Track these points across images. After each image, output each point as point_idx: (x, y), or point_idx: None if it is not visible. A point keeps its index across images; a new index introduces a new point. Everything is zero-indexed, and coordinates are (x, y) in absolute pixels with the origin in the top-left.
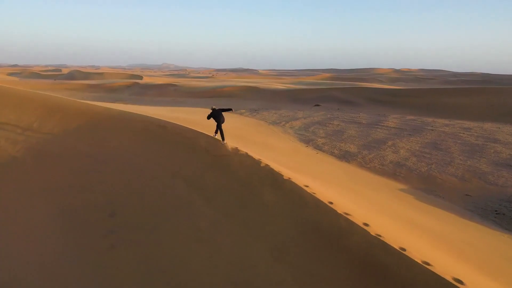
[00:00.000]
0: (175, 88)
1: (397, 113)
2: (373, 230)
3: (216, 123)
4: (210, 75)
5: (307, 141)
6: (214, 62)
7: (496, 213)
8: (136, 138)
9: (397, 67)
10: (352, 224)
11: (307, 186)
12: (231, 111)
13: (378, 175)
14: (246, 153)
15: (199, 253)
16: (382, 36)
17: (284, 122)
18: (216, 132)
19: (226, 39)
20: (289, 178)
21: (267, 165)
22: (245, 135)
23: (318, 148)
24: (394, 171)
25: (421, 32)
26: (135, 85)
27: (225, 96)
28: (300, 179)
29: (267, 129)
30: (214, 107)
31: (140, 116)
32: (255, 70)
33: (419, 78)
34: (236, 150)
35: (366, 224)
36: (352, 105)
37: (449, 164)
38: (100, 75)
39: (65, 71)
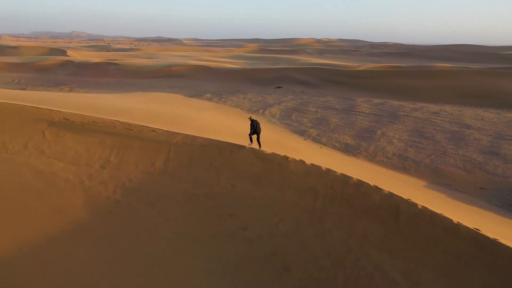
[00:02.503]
0: (116, 67)
1: (361, 96)
2: None
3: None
4: (134, 47)
5: (301, 133)
6: (130, 30)
7: None
8: (227, 170)
9: (318, 37)
10: None
11: (478, 230)
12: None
13: (390, 169)
14: (391, 192)
15: None
16: (302, 5)
17: (261, 110)
18: (252, 141)
19: (141, 5)
20: (459, 221)
21: (424, 207)
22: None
23: (317, 141)
24: (403, 165)
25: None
26: (68, 64)
27: (175, 76)
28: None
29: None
30: (251, 117)
31: (198, 137)
32: (178, 40)
33: (345, 50)
34: (376, 188)
35: None
36: (312, 87)
37: (445, 155)
38: (16, 49)
39: None
